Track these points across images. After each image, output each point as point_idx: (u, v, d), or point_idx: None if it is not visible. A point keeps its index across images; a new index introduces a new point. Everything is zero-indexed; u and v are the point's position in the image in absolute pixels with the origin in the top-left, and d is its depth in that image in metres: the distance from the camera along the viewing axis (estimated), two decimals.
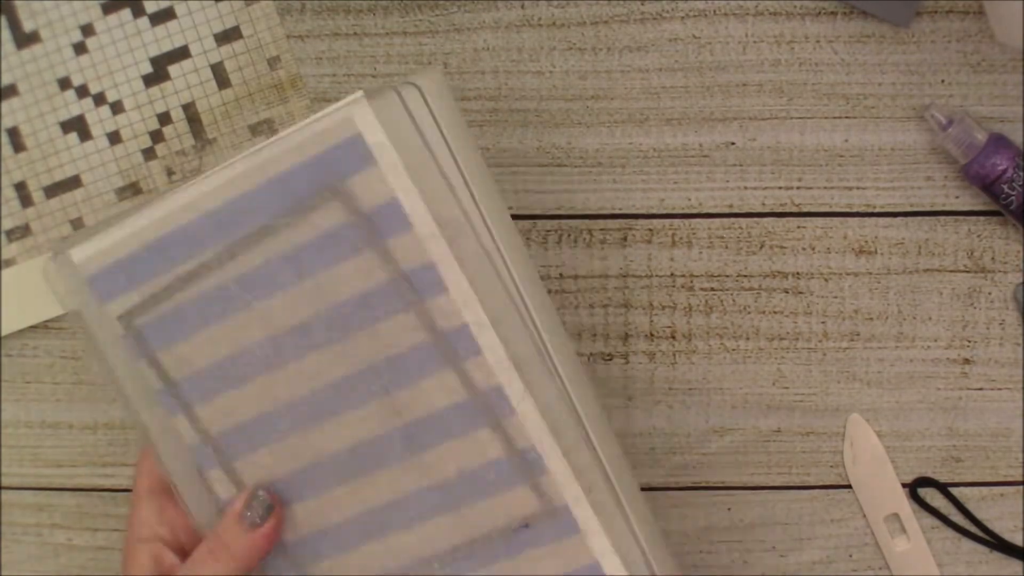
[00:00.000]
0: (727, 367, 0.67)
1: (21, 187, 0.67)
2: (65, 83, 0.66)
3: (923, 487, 0.67)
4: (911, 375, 0.66)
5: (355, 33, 0.66)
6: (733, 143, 0.65)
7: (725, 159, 0.65)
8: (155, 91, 0.66)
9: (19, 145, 0.67)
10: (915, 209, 0.64)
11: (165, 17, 0.66)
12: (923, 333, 0.65)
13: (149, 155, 0.67)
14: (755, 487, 0.68)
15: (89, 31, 0.66)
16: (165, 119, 0.67)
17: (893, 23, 0.62)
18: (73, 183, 0.67)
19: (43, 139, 0.67)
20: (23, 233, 0.67)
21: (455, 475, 0.52)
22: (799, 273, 0.66)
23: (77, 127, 0.67)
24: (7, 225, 0.67)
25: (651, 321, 0.66)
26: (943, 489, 0.67)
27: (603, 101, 0.65)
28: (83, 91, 0.66)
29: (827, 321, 0.66)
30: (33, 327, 0.69)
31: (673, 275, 0.66)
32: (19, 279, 0.68)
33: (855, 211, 0.64)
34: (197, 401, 0.54)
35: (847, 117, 0.64)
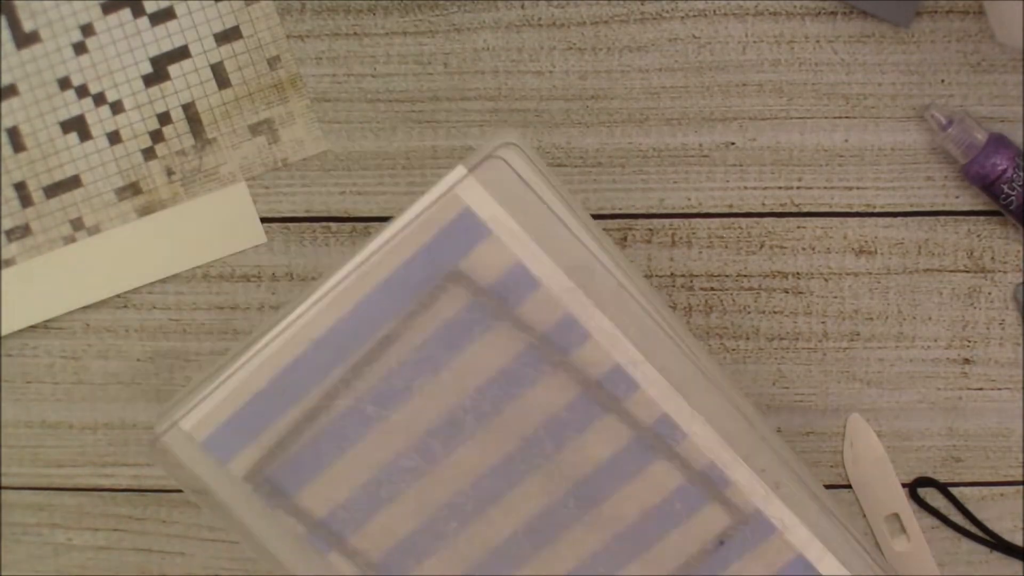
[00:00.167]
0: (727, 367, 0.67)
1: (21, 187, 0.67)
2: (65, 83, 0.66)
3: (923, 487, 0.67)
4: (911, 375, 0.66)
5: (355, 33, 0.66)
6: (733, 143, 0.65)
7: (725, 159, 0.65)
8: (155, 91, 0.66)
9: (19, 145, 0.67)
10: (915, 209, 0.64)
11: (165, 17, 0.66)
12: (923, 333, 0.65)
13: (149, 155, 0.67)
14: None
15: (89, 31, 0.66)
16: (165, 119, 0.67)
17: (893, 23, 0.62)
18: (73, 183, 0.67)
19: (43, 139, 0.67)
20: (23, 233, 0.67)
21: (638, 517, 0.51)
22: (799, 273, 0.66)
23: (77, 127, 0.67)
24: (7, 225, 0.67)
25: None
26: (943, 489, 0.67)
27: (603, 101, 0.65)
28: (83, 91, 0.66)
29: (827, 321, 0.66)
30: (33, 327, 0.69)
31: (673, 275, 0.66)
32: (19, 279, 0.68)
33: (855, 211, 0.64)
34: (349, 533, 0.51)
35: (847, 117, 0.64)
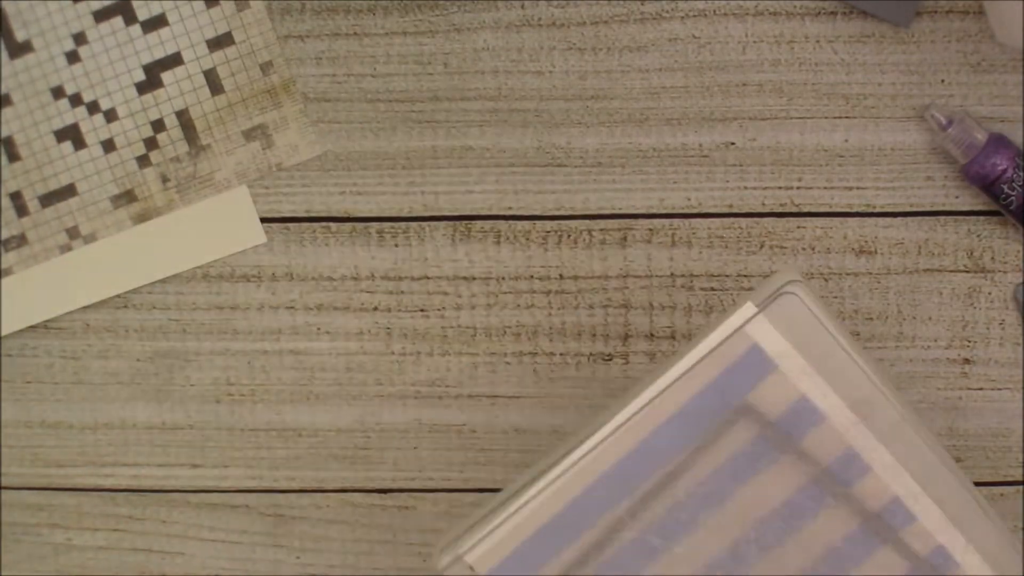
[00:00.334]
0: None
1: (16, 197, 0.66)
2: (58, 92, 0.65)
3: None
4: (911, 375, 0.66)
5: (355, 33, 0.65)
6: (733, 143, 0.65)
7: (725, 159, 0.65)
8: (148, 98, 0.66)
9: (14, 155, 0.66)
10: (915, 209, 0.64)
11: (157, 24, 0.65)
12: (923, 333, 0.66)
13: (143, 162, 0.66)
14: None
15: (81, 39, 0.65)
16: (159, 126, 0.66)
17: (893, 23, 0.62)
18: (68, 192, 0.66)
19: (37, 148, 0.66)
20: (19, 243, 0.67)
21: None
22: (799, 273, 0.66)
23: (71, 136, 0.66)
24: (3, 235, 0.67)
25: (651, 321, 0.66)
26: None
27: (603, 101, 0.65)
28: (76, 100, 0.65)
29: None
30: (33, 327, 0.68)
31: (673, 275, 0.66)
32: (17, 288, 0.67)
33: (855, 211, 0.64)
34: None
35: (847, 117, 0.63)
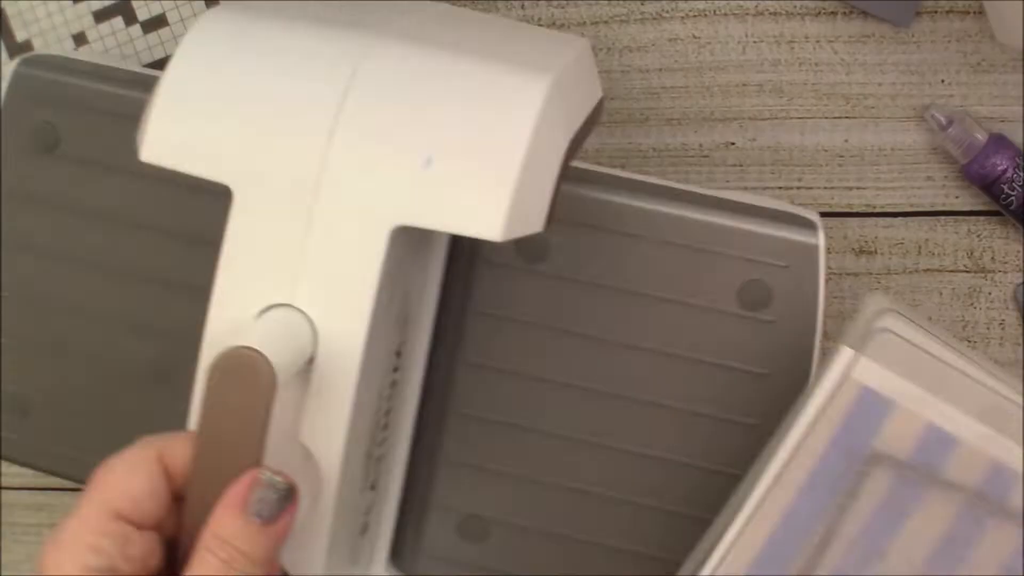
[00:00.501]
0: None
1: None
2: None
3: None
4: None
5: None
6: (733, 143, 0.65)
7: (725, 159, 0.65)
8: None
9: None
10: (915, 209, 0.64)
11: (157, 24, 0.65)
12: None
13: None
14: None
15: (81, 40, 0.65)
16: None
17: (893, 23, 0.62)
18: None
19: None
20: None
21: None
22: None
23: None
24: None
25: None
26: None
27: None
28: None
29: (828, 322, 0.66)
30: None
31: None
32: None
33: (855, 211, 0.64)
34: None
35: (847, 117, 0.63)
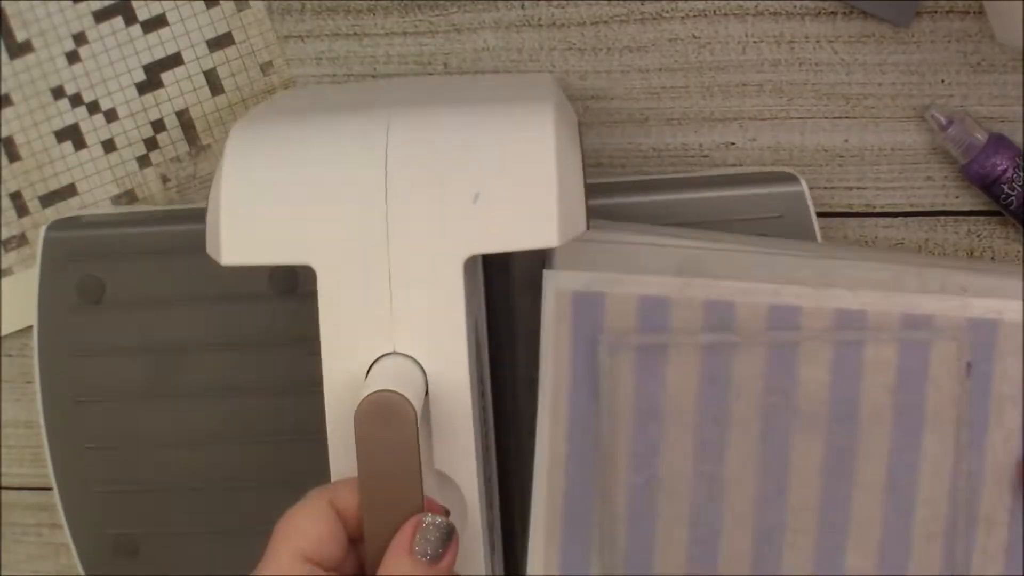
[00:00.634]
0: None
1: (16, 197, 0.67)
2: (59, 92, 0.65)
3: None
4: None
5: (355, 33, 0.65)
6: (733, 143, 0.64)
7: (725, 159, 0.65)
8: (148, 98, 0.66)
9: (14, 155, 0.66)
10: (915, 209, 0.64)
11: (157, 24, 0.65)
12: None
13: (144, 162, 0.66)
14: None
15: (81, 39, 0.65)
16: (159, 126, 0.66)
17: (893, 23, 0.62)
18: (69, 192, 0.67)
19: (37, 148, 0.66)
20: (20, 243, 0.67)
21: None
22: None
23: (71, 136, 0.66)
24: (3, 235, 0.67)
25: None
26: None
27: (603, 101, 0.65)
28: (77, 100, 0.65)
29: None
30: (33, 327, 0.68)
31: None
32: (17, 289, 0.67)
33: (855, 211, 0.64)
34: None
35: (847, 117, 0.63)
